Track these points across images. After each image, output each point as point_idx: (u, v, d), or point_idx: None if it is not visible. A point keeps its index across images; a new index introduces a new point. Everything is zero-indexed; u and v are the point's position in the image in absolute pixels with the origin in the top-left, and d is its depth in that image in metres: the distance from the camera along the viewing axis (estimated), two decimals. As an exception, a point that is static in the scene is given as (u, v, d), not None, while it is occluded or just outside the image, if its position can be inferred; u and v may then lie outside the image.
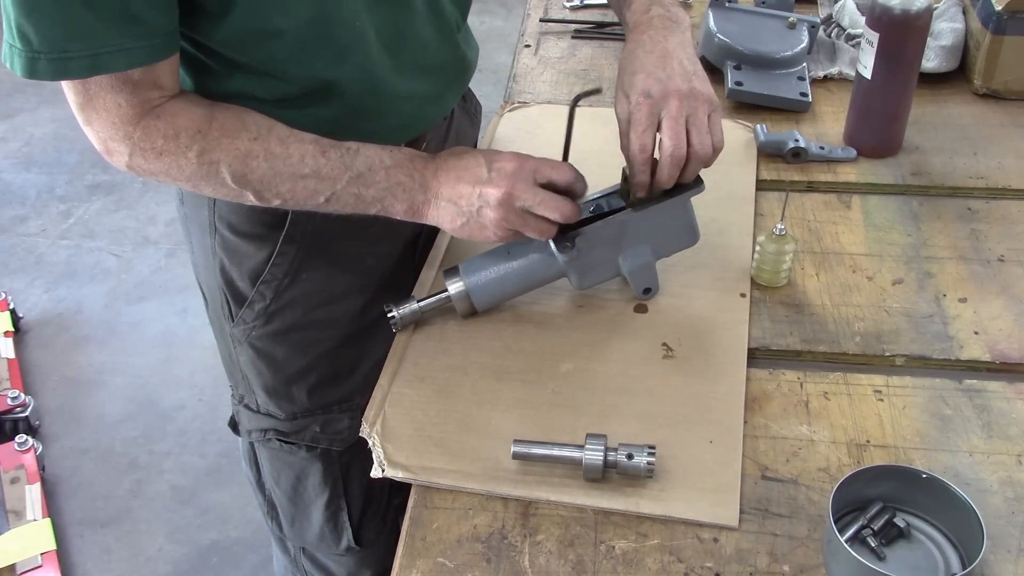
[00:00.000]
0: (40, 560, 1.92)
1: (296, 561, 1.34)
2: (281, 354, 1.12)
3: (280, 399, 1.15)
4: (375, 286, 1.12)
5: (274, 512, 1.28)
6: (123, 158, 0.90)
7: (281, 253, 1.05)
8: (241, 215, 1.05)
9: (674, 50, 0.96)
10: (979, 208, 1.21)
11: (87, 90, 0.85)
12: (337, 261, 1.08)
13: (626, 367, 0.99)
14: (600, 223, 0.99)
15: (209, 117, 0.90)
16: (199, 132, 0.89)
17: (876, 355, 1.00)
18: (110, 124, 0.87)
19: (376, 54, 0.96)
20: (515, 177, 0.93)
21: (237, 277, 1.09)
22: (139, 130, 0.88)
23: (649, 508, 0.84)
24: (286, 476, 1.22)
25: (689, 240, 1.05)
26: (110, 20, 0.80)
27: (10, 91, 3.65)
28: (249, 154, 0.90)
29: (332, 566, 1.32)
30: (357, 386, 1.15)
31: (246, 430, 1.21)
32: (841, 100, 1.42)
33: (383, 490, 1.26)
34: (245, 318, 1.10)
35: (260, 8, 0.87)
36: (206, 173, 0.91)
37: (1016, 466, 0.87)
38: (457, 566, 0.81)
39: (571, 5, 1.76)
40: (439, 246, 1.16)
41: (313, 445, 1.17)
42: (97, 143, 0.90)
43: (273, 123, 0.93)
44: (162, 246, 2.94)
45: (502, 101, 1.48)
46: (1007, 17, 1.36)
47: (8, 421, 2.24)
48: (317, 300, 1.09)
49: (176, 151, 0.89)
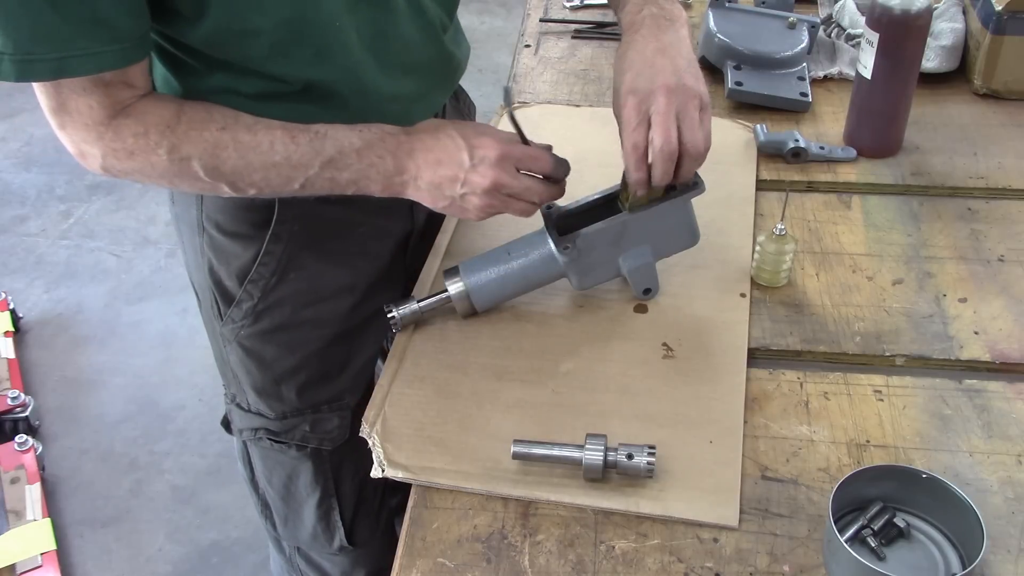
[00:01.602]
0: (40, 560, 1.92)
1: (292, 561, 1.34)
2: (270, 353, 1.12)
3: (270, 398, 1.15)
4: (365, 285, 1.12)
5: (268, 511, 1.28)
6: (96, 160, 0.90)
7: (268, 252, 1.05)
8: (228, 214, 1.05)
9: (666, 47, 0.95)
10: (979, 208, 1.21)
11: (59, 93, 0.85)
12: (325, 260, 1.08)
13: (626, 367, 0.99)
14: (600, 224, 0.99)
15: (178, 112, 0.90)
16: (168, 127, 0.89)
17: (876, 355, 1.00)
18: (82, 127, 0.87)
19: (358, 54, 0.96)
20: (500, 167, 0.93)
21: (225, 276, 1.09)
22: (110, 131, 0.87)
23: (649, 508, 0.84)
24: (278, 475, 1.22)
25: (689, 241, 1.05)
26: (77, 23, 0.80)
27: (10, 91, 3.64)
28: (218, 144, 0.90)
29: (327, 566, 1.32)
30: (347, 386, 1.15)
31: (238, 429, 1.21)
32: (841, 100, 1.42)
33: (376, 490, 1.27)
34: (233, 317, 1.10)
35: (236, 8, 0.86)
36: (178, 170, 0.91)
37: (1016, 466, 0.87)
38: (457, 566, 0.81)
39: (571, 5, 1.76)
40: (439, 247, 1.16)
41: (303, 444, 1.17)
42: (71, 147, 0.90)
43: (239, 113, 0.92)
44: (162, 246, 2.94)
45: (502, 101, 1.48)
46: (1007, 17, 1.36)
47: (8, 421, 2.24)
48: (305, 299, 1.09)
49: (147, 149, 0.89)
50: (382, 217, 1.10)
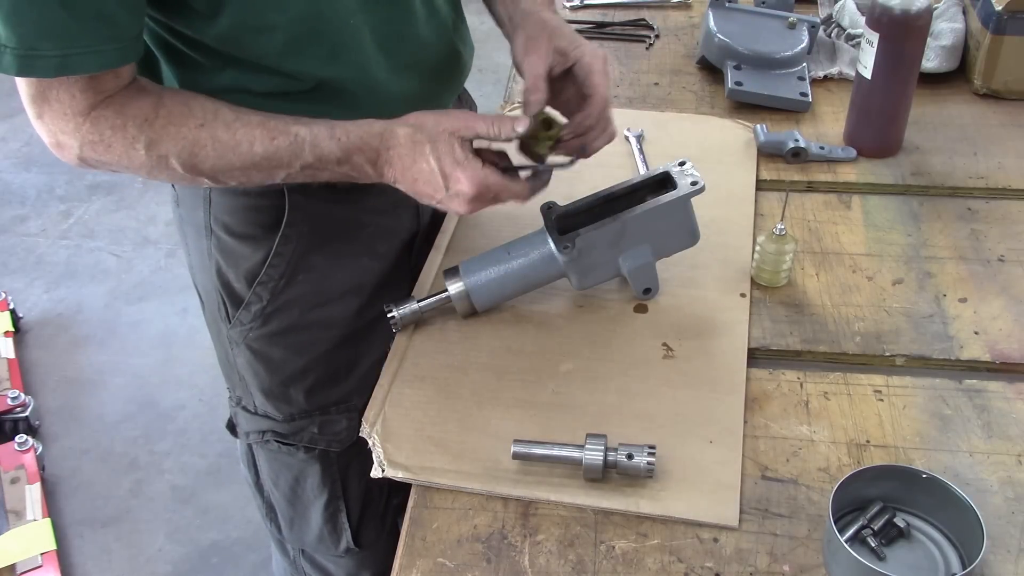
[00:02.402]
0: (40, 560, 1.92)
1: (295, 563, 1.33)
2: (278, 355, 1.12)
3: (278, 400, 1.15)
4: (372, 287, 1.12)
5: (273, 514, 1.28)
6: (72, 152, 0.89)
7: (278, 254, 1.05)
8: (237, 216, 1.05)
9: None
10: (979, 208, 1.21)
11: (41, 81, 0.84)
12: (334, 262, 1.08)
13: (626, 367, 0.99)
14: (600, 224, 0.99)
15: (157, 104, 0.89)
16: (146, 121, 0.88)
17: (876, 355, 1.00)
18: (61, 116, 0.86)
19: (371, 52, 0.96)
20: (475, 201, 0.93)
21: (234, 279, 1.08)
22: (88, 122, 0.87)
23: (649, 508, 0.84)
24: (284, 478, 1.22)
25: (689, 240, 1.05)
26: (83, 20, 0.79)
27: (10, 91, 3.62)
28: (197, 143, 0.90)
29: (331, 568, 1.32)
30: (354, 387, 1.15)
31: (244, 432, 1.21)
32: (841, 100, 1.42)
33: (382, 490, 1.26)
34: (242, 320, 1.10)
35: (253, 4, 0.86)
36: (155, 165, 0.90)
37: (1016, 466, 0.87)
38: (457, 566, 0.81)
39: (571, 5, 1.76)
40: (439, 246, 1.16)
41: (311, 446, 1.17)
42: (47, 137, 0.89)
43: (219, 106, 0.91)
44: (162, 246, 2.94)
45: (502, 101, 1.48)
46: (1007, 17, 1.36)
47: (8, 421, 2.24)
48: (314, 301, 1.09)
49: (124, 142, 0.88)
50: (389, 217, 1.11)
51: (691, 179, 1.01)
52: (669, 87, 1.51)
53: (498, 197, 0.94)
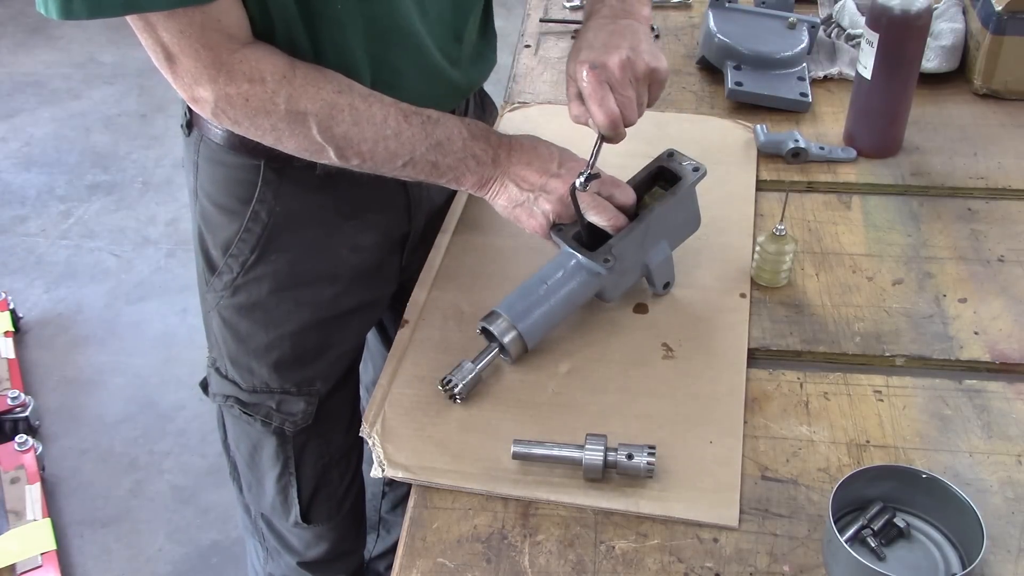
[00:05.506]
0: (40, 560, 1.92)
1: (256, 524, 1.35)
2: (244, 328, 1.12)
3: (242, 370, 1.16)
4: (349, 278, 1.12)
5: (236, 474, 1.29)
6: (208, 105, 0.90)
7: (247, 229, 1.06)
8: (217, 186, 1.07)
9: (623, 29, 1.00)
10: (979, 208, 1.21)
11: (159, 41, 0.85)
12: (308, 247, 1.09)
13: (626, 367, 0.99)
14: (628, 229, 0.98)
15: (292, 64, 0.91)
16: (284, 78, 0.89)
17: (876, 355, 1.00)
18: (193, 67, 0.87)
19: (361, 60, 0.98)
20: (561, 202, 0.97)
21: (211, 245, 1.11)
22: (223, 74, 0.87)
23: (649, 508, 0.84)
24: (244, 444, 1.23)
25: (694, 226, 1.06)
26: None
27: (10, 91, 3.65)
28: (335, 106, 0.91)
29: (287, 536, 1.33)
30: (320, 372, 1.16)
31: (213, 393, 1.22)
32: (841, 100, 1.42)
33: (341, 477, 1.28)
34: (215, 286, 1.12)
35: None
36: (292, 121, 0.91)
37: (1016, 466, 0.87)
38: (457, 566, 0.81)
39: (571, 5, 1.76)
40: (440, 245, 1.16)
41: (267, 421, 1.17)
42: (184, 91, 0.90)
43: (351, 80, 0.94)
44: (162, 246, 2.94)
45: (502, 101, 1.48)
46: (1007, 17, 1.36)
47: (8, 421, 2.24)
48: (284, 282, 1.10)
49: (263, 96, 0.89)
50: (377, 213, 1.11)
51: (690, 165, 1.01)
52: (669, 87, 1.51)
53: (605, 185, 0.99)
